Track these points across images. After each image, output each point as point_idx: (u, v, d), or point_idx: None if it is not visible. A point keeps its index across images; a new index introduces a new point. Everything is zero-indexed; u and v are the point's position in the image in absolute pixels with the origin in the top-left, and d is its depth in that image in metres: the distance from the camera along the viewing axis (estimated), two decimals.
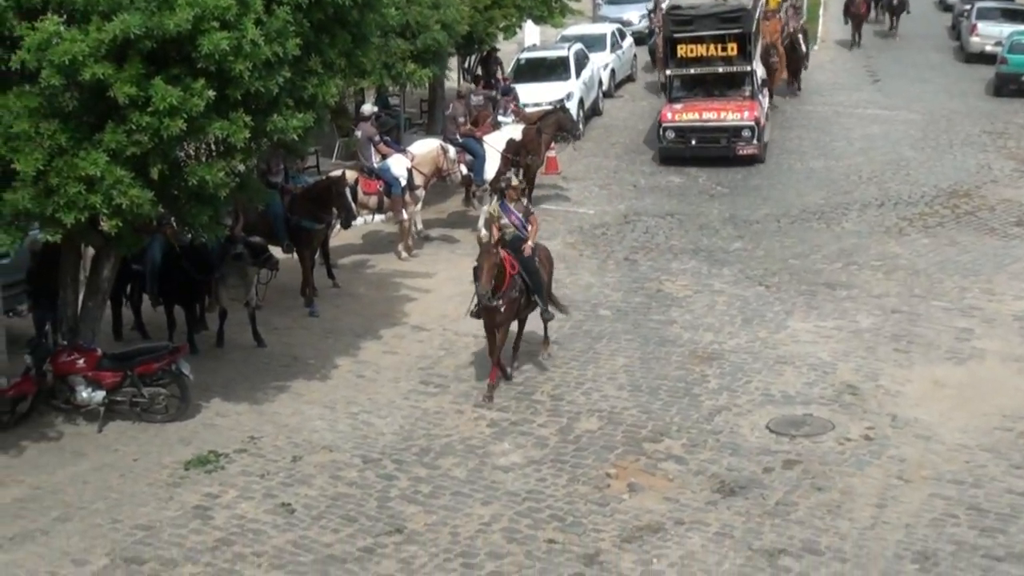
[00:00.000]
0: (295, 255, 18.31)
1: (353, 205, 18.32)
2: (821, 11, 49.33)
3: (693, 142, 26.32)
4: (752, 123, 26.21)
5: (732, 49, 26.83)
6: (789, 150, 27.91)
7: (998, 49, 34.92)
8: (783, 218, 22.83)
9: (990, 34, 37.49)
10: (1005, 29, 36.49)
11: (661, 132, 26.80)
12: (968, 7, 40.95)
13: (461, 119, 22.21)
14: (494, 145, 21.99)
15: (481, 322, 15.16)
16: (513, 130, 22.58)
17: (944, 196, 24.02)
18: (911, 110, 31.95)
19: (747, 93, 27.21)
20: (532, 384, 15.41)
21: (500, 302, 14.76)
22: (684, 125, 26.51)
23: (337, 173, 19.21)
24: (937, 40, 41.28)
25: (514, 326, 15.67)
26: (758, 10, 28.79)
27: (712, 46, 26.85)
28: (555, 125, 23.72)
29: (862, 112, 31.98)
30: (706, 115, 26.59)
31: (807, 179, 25.66)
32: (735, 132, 26.22)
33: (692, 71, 27.33)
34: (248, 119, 12.62)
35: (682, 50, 27.09)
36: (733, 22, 26.83)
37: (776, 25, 32.19)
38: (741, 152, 26.12)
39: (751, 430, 13.89)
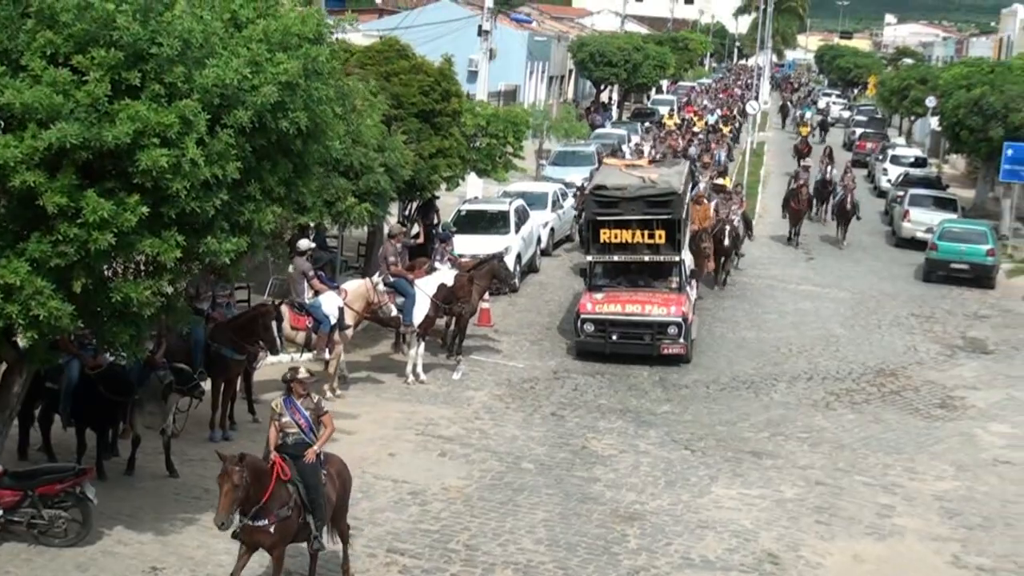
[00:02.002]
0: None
1: (278, 338, 18.02)
2: (760, 187, 50.54)
3: (614, 337, 23.62)
4: (679, 319, 23.58)
5: (660, 236, 24.20)
6: (722, 319, 28.08)
7: (929, 236, 35.73)
8: (712, 385, 22.83)
9: (922, 221, 38.45)
10: (936, 217, 37.48)
11: (579, 324, 23.98)
12: (901, 194, 42.04)
13: (392, 259, 22.17)
14: (425, 289, 21.89)
15: (404, 464, 14.69)
16: (445, 275, 22.50)
17: (871, 374, 24.22)
18: (842, 288, 32.44)
19: (675, 285, 24.65)
20: (448, 532, 15.05)
21: (265, 521, 12.12)
22: (605, 318, 23.75)
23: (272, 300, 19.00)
24: (870, 224, 42.20)
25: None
26: (687, 195, 26.85)
27: (638, 232, 24.14)
28: (489, 274, 23.71)
29: (795, 287, 32.41)
30: (629, 308, 23.90)
31: (738, 348, 25.76)
32: (660, 328, 23.54)
33: (615, 258, 24.64)
34: (181, 239, 12.41)
35: (605, 234, 24.28)
36: (662, 207, 24.21)
37: (706, 211, 30.42)
38: (666, 351, 23.48)
39: None
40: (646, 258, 24.49)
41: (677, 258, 24.62)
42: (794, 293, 31.75)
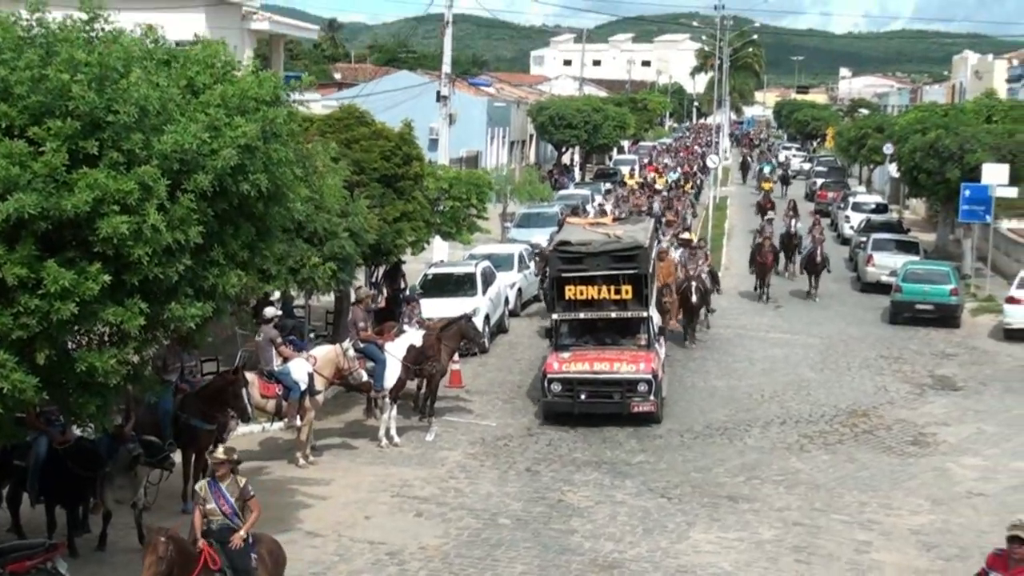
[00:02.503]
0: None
1: (249, 406, 17.94)
2: (724, 240, 50.87)
3: (582, 396, 22.75)
4: (649, 376, 22.71)
5: (627, 292, 23.45)
6: (692, 369, 28.15)
7: (893, 279, 36.04)
8: (686, 433, 22.86)
9: (885, 264, 38.81)
10: (899, 260, 37.84)
11: (546, 384, 23.09)
12: (864, 239, 42.41)
13: (361, 324, 22.16)
14: (394, 352, 21.89)
15: (380, 526, 14.47)
16: (414, 337, 22.52)
17: (843, 415, 24.33)
18: (811, 335, 32.62)
19: (643, 342, 23.84)
20: None
21: None
22: (572, 377, 22.84)
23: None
24: (836, 271, 42.42)
25: None
26: (654, 249, 26.51)
27: (604, 287, 23.41)
28: (458, 335, 23.73)
29: (764, 335, 32.56)
30: (597, 366, 23.02)
31: (710, 396, 25.82)
32: (630, 386, 22.71)
33: (581, 315, 23.82)
34: (144, 306, 12.36)
35: (570, 291, 23.53)
36: (628, 261, 23.56)
37: (669, 266, 30.22)
38: (636, 409, 22.63)
39: None
40: (613, 314, 23.71)
41: (645, 314, 23.86)
42: (763, 341, 31.89)
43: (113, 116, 12.06)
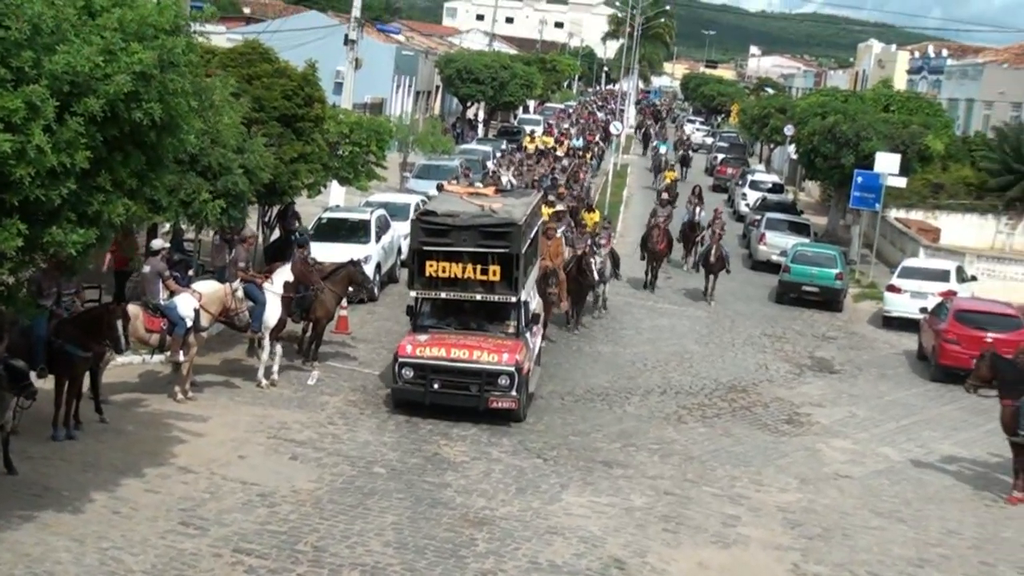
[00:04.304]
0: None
1: (122, 337, 17.54)
2: (622, 207, 51.22)
3: (435, 386, 20.42)
4: (511, 369, 20.33)
5: (495, 273, 20.96)
6: (579, 334, 28.31)
7: (783, 259, 36.62)
8: (567, 396, 23.02)
9: (777, 244, 39.47)
10: (790, 240, 38.48)
11: (396, 369, 20.75)
12: (759, 218, 43.02)
13: (242, 264, 21.83)
14: (273, 290, 21.57)
15: (254, 466, 14.34)
16: (285, 272, 22.02)
17: (723, 390, 24.70)
18: (698, 308, 33.05)
19: (511, 330, 21.52)
20: (296, 534, 14.89)
21: None
22: (426, 363, 20.49)
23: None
24: (728, 247, 42.82)
25: None
26: (534, 228, 23.57)
27: (470, 266, 20.97)
28: (346, 280, 23.44)
29: (652, 305, 32.92)
30: (455, 353, 20.61)
31: (594, 362, 26.03)
32: (489, 379, 20.36)
33: (443, 295, 21.45)
34: (23, 227, 12.10)
35: (431, 267, 21.05)
36: (498, 239, 21.05)
37: (557, 245, 27.54)
38: (494, 405, 20.32)
39: None
40: (478, 297, 21.33)
41: (514, 299, 21.36)
42: (651, 310, 32.23)
43: (3, 31, 11.76)
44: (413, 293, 21.66)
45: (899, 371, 28.25)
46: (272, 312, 21.31)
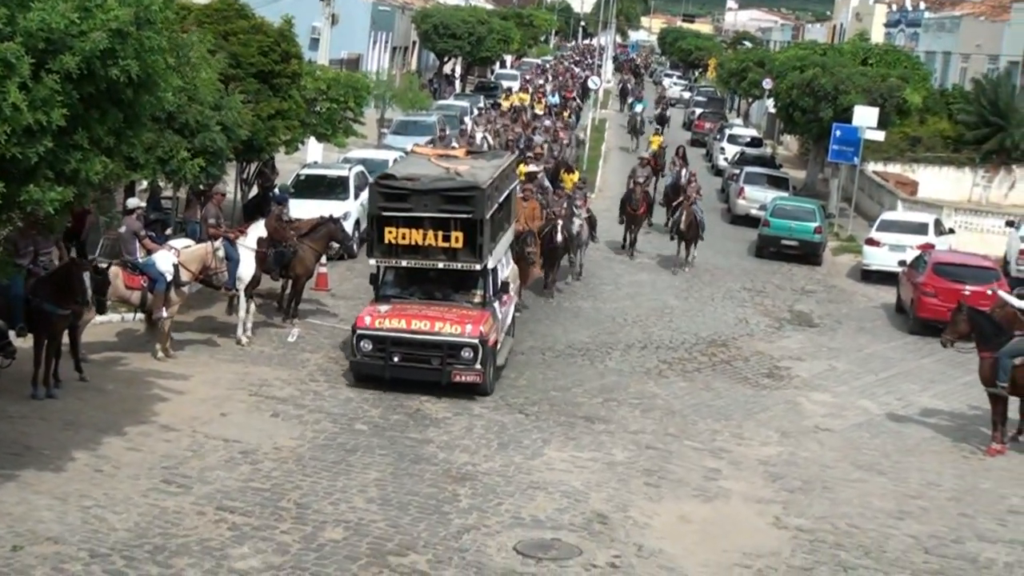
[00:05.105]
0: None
1: (89, 291, 17.39)
2: (601, 162, 51.11)
3: (395, 359, 19.46)
4: (475, 341, 19.34)
5: (457, 239, 19.89)
6: (559, 288, 28.30)
7: (762, 213, 36.66)
8: (548, 352, 23.04)
9: (756, 198, 39.50)
10: (769, 194, 38.52)
11: (355, 342, 19.76)
12: (737, 172, 43.02)
13: (212, 220, 21.71)
14: (247, 244, 21.45)
15: (236, 424, 14.36)
16: (259, 228, 21.87)
17: (703, 344, 24.77)
18: (678, 263, 32.98)
19: (477, 299, 20.54)
20: (279, 491, 14.91)
21: None
22: (385, 335, 19.51)
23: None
24: (707, 201, 42.71)
25: None
26: (504, 192, 22.12)
27: (431, 232, 19.87)
28: (326, 237, 23.33)
29: (631, 261, 32.88)
30: (416, 324, 19.61)
31: (575, 317, 26.06)
32: (451, 351, 19.40)
33: (403, 263, 20.36)
34: (0, 186, 11.99)
35: (390, 234, 19.91)
36: (461, 203, 19.93)
37: (533, 209, 26.43)
38: (458, 379, 19.34)
39: (498, 551, 13.74)
40: (440, 265, 20.23)
41: (478, 266, 20.23)
42: (630, 265, 32.25)
43: None
44: (372, 261, 20.73)
45: (878, 324, 28.36)
46: (246, 268, 21.20)
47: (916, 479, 17.82)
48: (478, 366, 19.41)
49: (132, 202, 20.98)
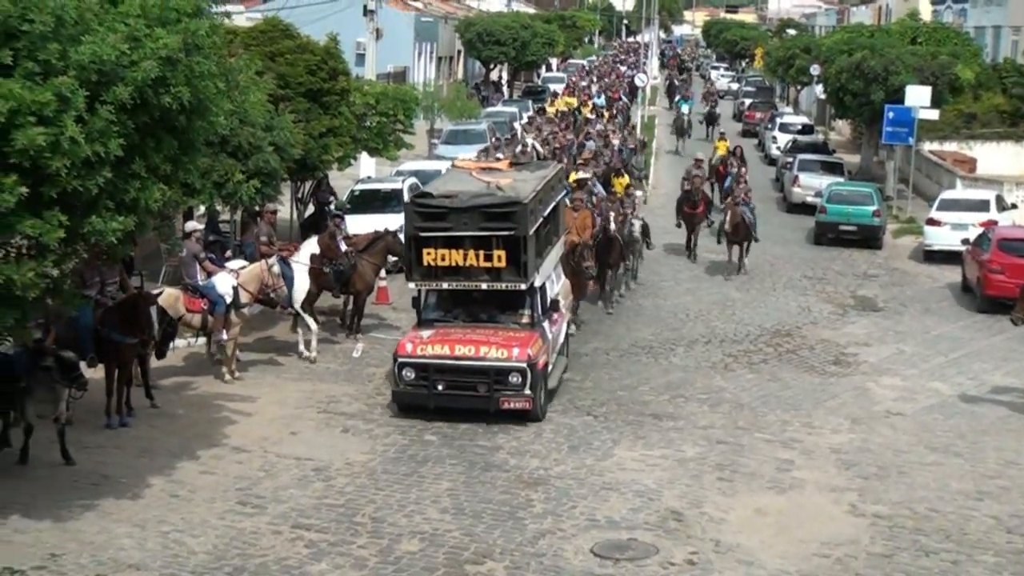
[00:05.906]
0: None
1: (156, 324, 17.58)
2: (652, 159, 50.90)
3: (440, 387, 18.44)
4: (523, 365, 18.24)
5: (499, 258, 18.66)
6: (616, 300, 27.98)
7: (818, 200, 36.37)
8: (612, 352, 22.98)
9: (811, 185, 39.17)
10: (824, 181, 38.17)
11: (397, 370, 18.79)
12: (791, 160, 42.71)
13: (264, 238, 21.90)
14: (301, 261, 21.56)
15: (307, 442, 14.40)
16: (311, 244, 22.07)
17: (767, 335, 24.59)
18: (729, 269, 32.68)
19: (524, 320, 19.41)
20: (353, 506, 14.97)
21: None
22: (429, 362, 18.50)
23: (159, 290, 18.70)
24: (762, 191, 42.61)
25: None
26: (550, 205, 20.86)
27: (472, 252, 18.71)
28: (384, 251, 23.40)
29: (692, 262, 32.48)
30: (460, 350, 18.55)
31: (636, 315, 25.98)
32: (499, 377, 18.33)
33: (444, 285, 19.37)
34: (63, 219, 12.17)
35: (429, 255, 18.81)
36: (502, 220, 18.69)
37: (585, 219, 24.61)
38: (507, 406, 18.26)
39: (575, 554, 13.72)
40: (483, 285, 19.10)
41: (524, 286, 19.01)
42: (688, 261, 32.02)
43: (28, 25, 11.80)
44: (412, 284, 19.70)
45: (944, 305, 28.03)
46: (301, 285, 21.34)
47: (993, 459, 17.59)
48: (527, 391, 18.34)
49: (190, 225, 21.18)
